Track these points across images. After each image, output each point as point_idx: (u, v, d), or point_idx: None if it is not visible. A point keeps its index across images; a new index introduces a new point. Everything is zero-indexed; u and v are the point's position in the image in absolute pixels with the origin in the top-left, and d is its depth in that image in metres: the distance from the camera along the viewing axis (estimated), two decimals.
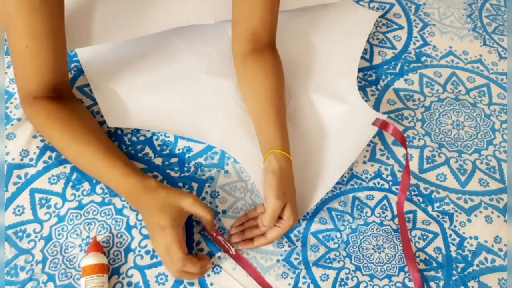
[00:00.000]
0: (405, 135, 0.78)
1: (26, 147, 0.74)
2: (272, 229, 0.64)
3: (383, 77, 0.85)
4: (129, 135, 0.77)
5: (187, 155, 0.75)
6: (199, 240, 0.67)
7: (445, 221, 0.70)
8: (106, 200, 0.70)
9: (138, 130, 0.77)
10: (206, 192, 0.71)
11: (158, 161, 0.74)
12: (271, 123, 0.68)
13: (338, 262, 0.66)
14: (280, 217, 0.63)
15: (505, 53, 0.89)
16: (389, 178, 0.74)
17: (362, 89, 0.84)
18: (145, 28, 0.82)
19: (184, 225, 0.63)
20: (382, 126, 0.69)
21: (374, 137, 0.78)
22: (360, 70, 0.85)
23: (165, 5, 0.81)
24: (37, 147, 0.74)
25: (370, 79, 0.85)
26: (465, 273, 0.65)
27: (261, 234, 0.65)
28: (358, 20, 0.91)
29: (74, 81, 0.82)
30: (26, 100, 0.69)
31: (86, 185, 0.71)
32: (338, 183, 0.73)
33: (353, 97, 0.79)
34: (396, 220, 0.70)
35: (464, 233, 0.69)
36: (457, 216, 0.70)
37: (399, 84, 0.85)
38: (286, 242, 0.67)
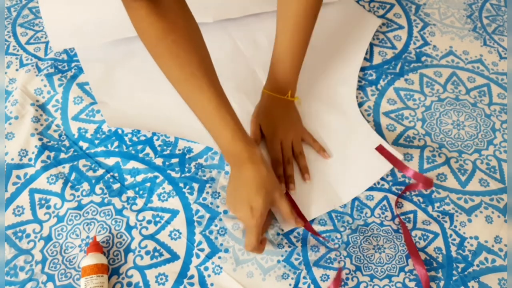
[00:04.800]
0: (405, 135, 0.78)
1: (24, 147, 0.74)
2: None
3: (383, 76, 0.85)
4: (129, 135, 0.76)
5: (187, 156, 0.74)
6: (200, 240, 0.67)
7: (446, 221, 0.70)
8: (105, 201, 0.70)
9: (138, 130, 0.77)
10: (207, 193, 0.71)
11: (158, 161, 0.74)
12: (284, 59, 0.72)
13: (339, 262, 0.66)
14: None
15: (505, 53, 0.89)
16: (389, 178, 0.74)
17: (362, 88, 0.83)
18: None
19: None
20: (399, 166, 0.73)
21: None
22: (360, 69, 0.85)
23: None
24: (36, 146, 0.74)
25: (370, 78, 0.85)
26: (466, 273, 0.65)
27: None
28: (360, 25, 0.91)
29: (74, 79, 0.82)
30: (124, 1, 0.57)
31: (85, 185, 0.71)
32: None
33: (353, 111, 0.80)
34: (396, 220, 0.70)
35: (464, 233, 0.69)
36: (457, 216, 0.70)
37: (400, 83, 0.84)
38: (286, 243, 0.67)
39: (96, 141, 0.76)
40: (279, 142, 0.73)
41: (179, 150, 0.75)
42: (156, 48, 0.58)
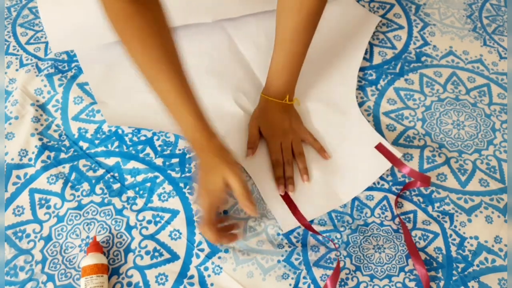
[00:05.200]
0: (405, 135, 0.78)
1: (25, 147, 0.74)
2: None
3: (383, 76, 0.85)
4: (130, 135, 0.76)
5: (187, 156, 0.74)
6: (200, 240, 0.67)
7: (446, 221, 0.70)
8: (105, 201, 0.70)
9: (139, 130, 0.77)
10: None
11: (159, 161, 0.74)
12: (282, 68, 0.74)
13: (338, 261, 0.66)
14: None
15: (505, 53, 0.89)
16: (389, 178, 0.74)
17: (362, 88, 0.83)
18: None
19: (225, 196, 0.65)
20: (397, 163, 0.73)
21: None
22: (360, 69, 0.85)
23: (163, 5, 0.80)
24: (36, 146, 0.74)
25: (370, 78, 0.85)
26: (465, 273, 0.65)
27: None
28: (359, 23, 0.91)
29: (74, 79, 0.82)
30: None
31: (85, 185, 0.71)
32: None
33: (352, 110, 0.80)
34: (396, 220, 0.70)
35: (464, 233, 0.69)
36: (457, 216, 0.70)
37: (399, 83, 0.84)
38: (286, 243, 0.67)
39: (96, 141, 0.76)
40: (279, 143, 0.73)
41: (179, 150, 0.75)
42: (124, 30, 0.58)
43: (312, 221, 0.69)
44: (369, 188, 0.72)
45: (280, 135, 0.74)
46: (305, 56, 0.74)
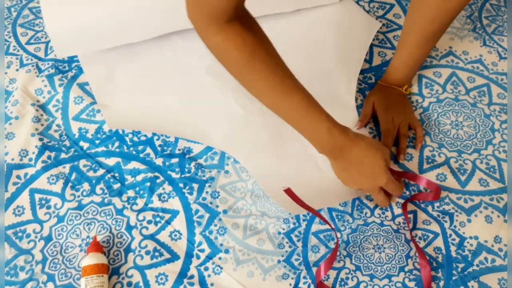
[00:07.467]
0: None
1: (25, 147, 0.74)
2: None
3: None
4: (130, 135, 0.76)
5: (187, 156, 0.75)
6: (200, 241, 0.67)
7: (445, 221, 0.70)
8: (105, 201, 0.70)
9: (139, 131, 0.77)
10: (207, 192, 0.71)
11: (159, 161, 0.74)
12: (403, 67, 0.78)
13: (339, 262, 0.66)
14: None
15: (505, 53, 0.89)
16: None
17: (362, 91, 0.83)
18: (148, 31, 0.82)
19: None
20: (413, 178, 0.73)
21: (375, 137, 0.78)
22: (360, 72, 0.85)
23: (167, 8, 0.81)
24: (36, 146, 0.74)
25: (370, 82, 0.85)
26: (465, 273, 0.66)
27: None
28: (360, 28, 0.90)
29: (75, 79, 0.82)
30: (215, 24, 0.55)
31: (85, 186, 0.71)
32: None
33: (351, 113, 0.80)
34: (396, 220, 0.70)
35: (464, 233, 0.69)
36: (457, 216, 0.70)
37: None
38: (287, 242, 0.67)
39: (97, 141, 0.76)
40: (391, 117, 0.77)
41: (179, 150, 0.75)
42: (250, 63, 0.58)
43: (312, 220, 0.69)
44: None
45: (394, 111, 0.77)
46: (428, 53, 0.78)
